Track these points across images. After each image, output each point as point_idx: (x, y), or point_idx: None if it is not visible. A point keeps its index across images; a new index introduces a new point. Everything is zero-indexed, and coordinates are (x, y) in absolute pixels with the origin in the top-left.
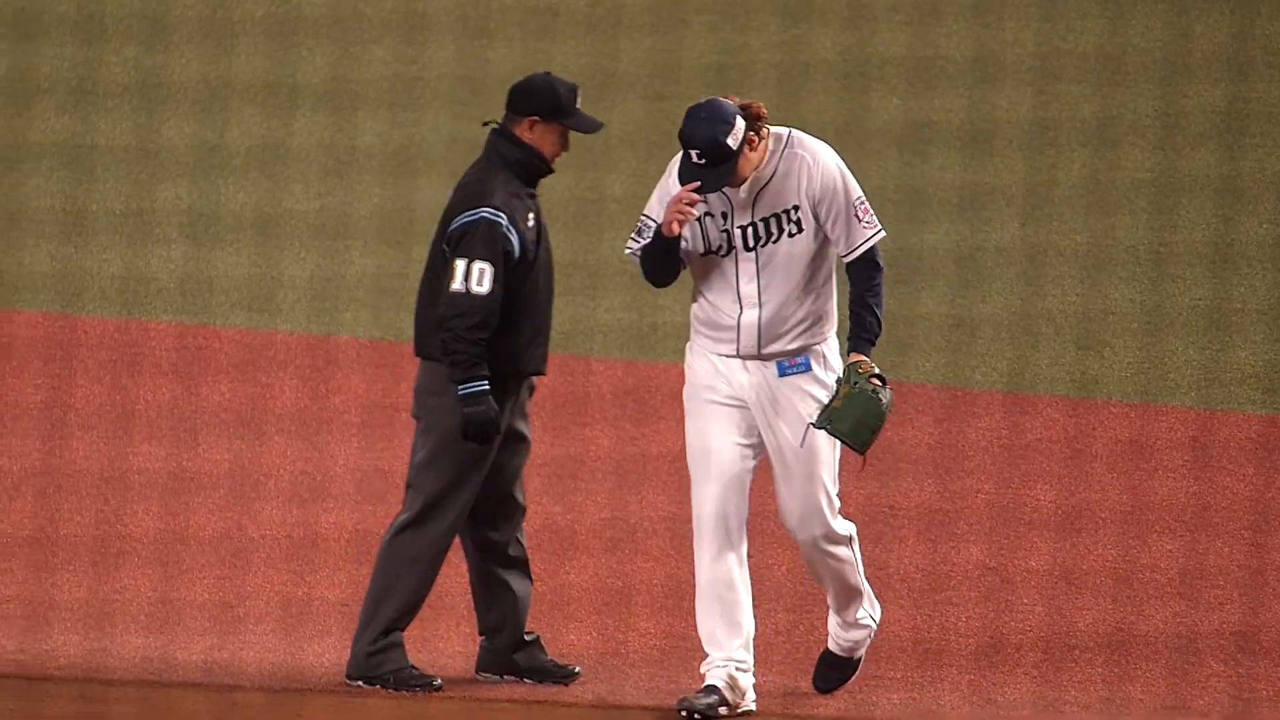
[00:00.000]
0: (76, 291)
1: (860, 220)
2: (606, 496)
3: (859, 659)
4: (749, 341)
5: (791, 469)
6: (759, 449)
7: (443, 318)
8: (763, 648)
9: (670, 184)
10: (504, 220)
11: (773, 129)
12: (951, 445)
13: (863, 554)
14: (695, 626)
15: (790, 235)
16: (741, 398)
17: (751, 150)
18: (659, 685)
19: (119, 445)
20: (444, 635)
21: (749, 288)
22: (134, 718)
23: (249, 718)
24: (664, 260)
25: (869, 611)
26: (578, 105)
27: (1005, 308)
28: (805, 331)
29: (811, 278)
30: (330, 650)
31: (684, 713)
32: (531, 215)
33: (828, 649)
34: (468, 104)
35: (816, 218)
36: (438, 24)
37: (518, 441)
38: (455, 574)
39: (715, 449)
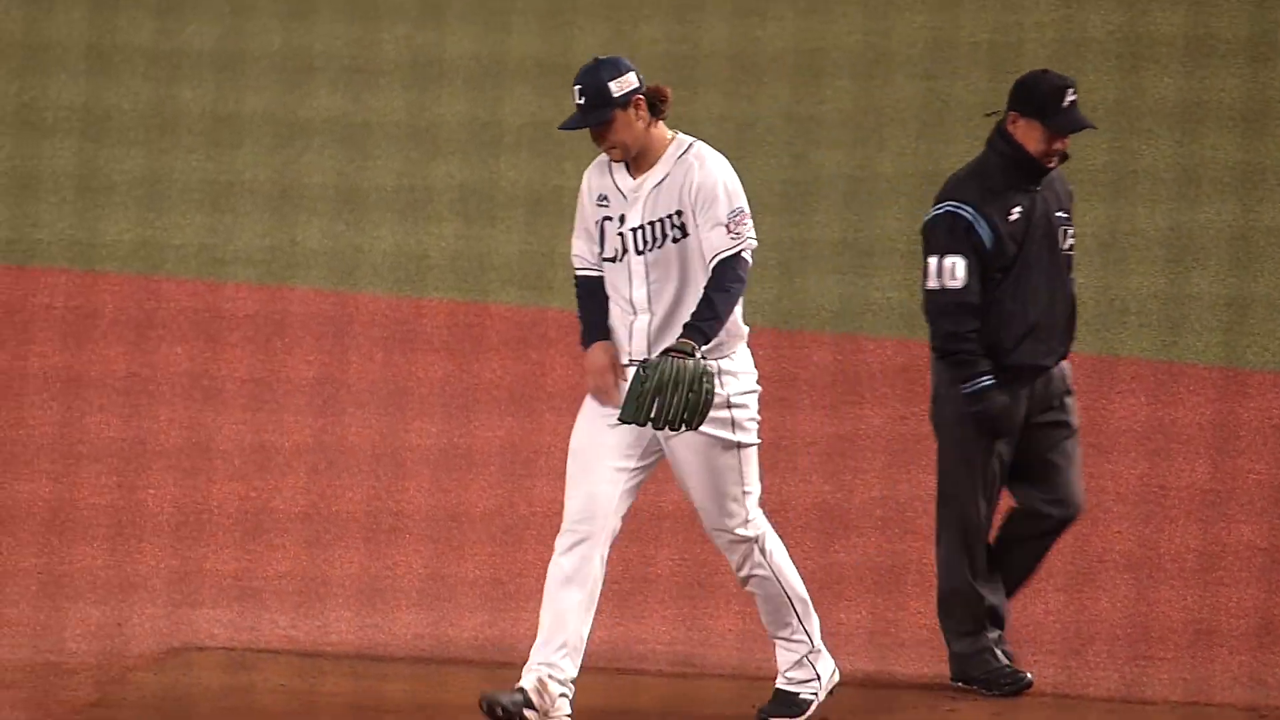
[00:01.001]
0: (350, 268)
1: (729, 230)
2: (878, 475)
3: (804, 701)
4: (640, 348)
5: (694, 482)
6: (648, 453)
7: (928, 318)
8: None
9: (582, 190)
10: (968, 213)
11: (680, 135)
12: (1225, 425)
13: (786, 564)
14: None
15: (675, 240)
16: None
17: (637, 118)
18: (929, 667)
19: (392, 421)
20: (713, 614)
21: (639, 293)
22: (407, 695)
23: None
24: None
25: (809, 634)
26: (1065, 104)
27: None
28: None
29: (702, 285)
30: (600, 628)
31: (482, 704)
32: (1017, 210)
33: (776, 685)
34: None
35: (695, 219)
36: None
37: (1054, 429)
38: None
39: (584, 450)
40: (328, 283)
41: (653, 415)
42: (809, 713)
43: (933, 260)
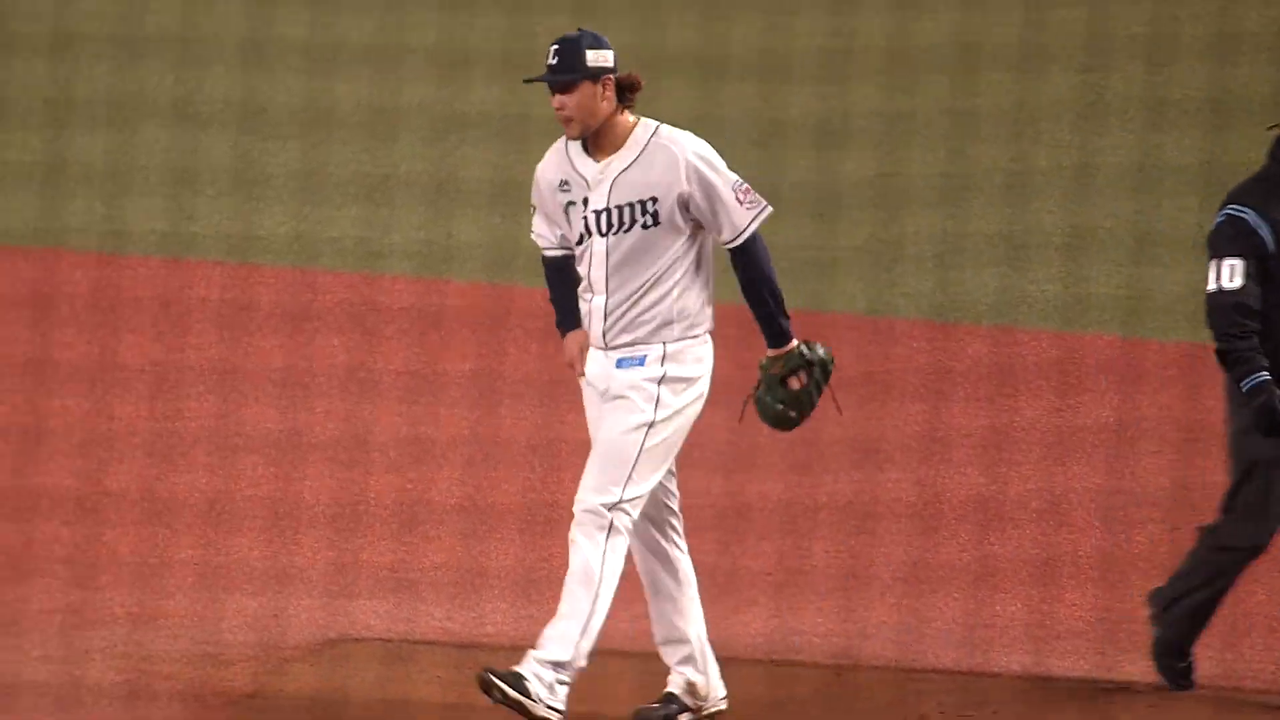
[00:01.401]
0: (506, 261)
1: (742, 202)
2: (1033, 468)
3: (527, 688)
4: (596, 329)
5: (602, 424)
6: None
7: (1208, 321)
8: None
9: (537, 179)
10: (1249, 217)
11: (645, 119)
12: None
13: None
14: (1124, 600)
15: (645, 227)
16: (597, 386)
17: (602, 96)
18: (1085, 660)
19: (548, 413)
20: (868, 606)
21: (598, 273)
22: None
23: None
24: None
25: (574, 650)
26: None
27: None
28: (654, 330)
29: (665, 274)
30: (756, 619)
31: None
32: None
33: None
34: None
35: (686, 209)
36: None
37: None
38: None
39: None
40: (484, 275)
41: (796, 411)
42: (531, 697)
43: (1213, 264)
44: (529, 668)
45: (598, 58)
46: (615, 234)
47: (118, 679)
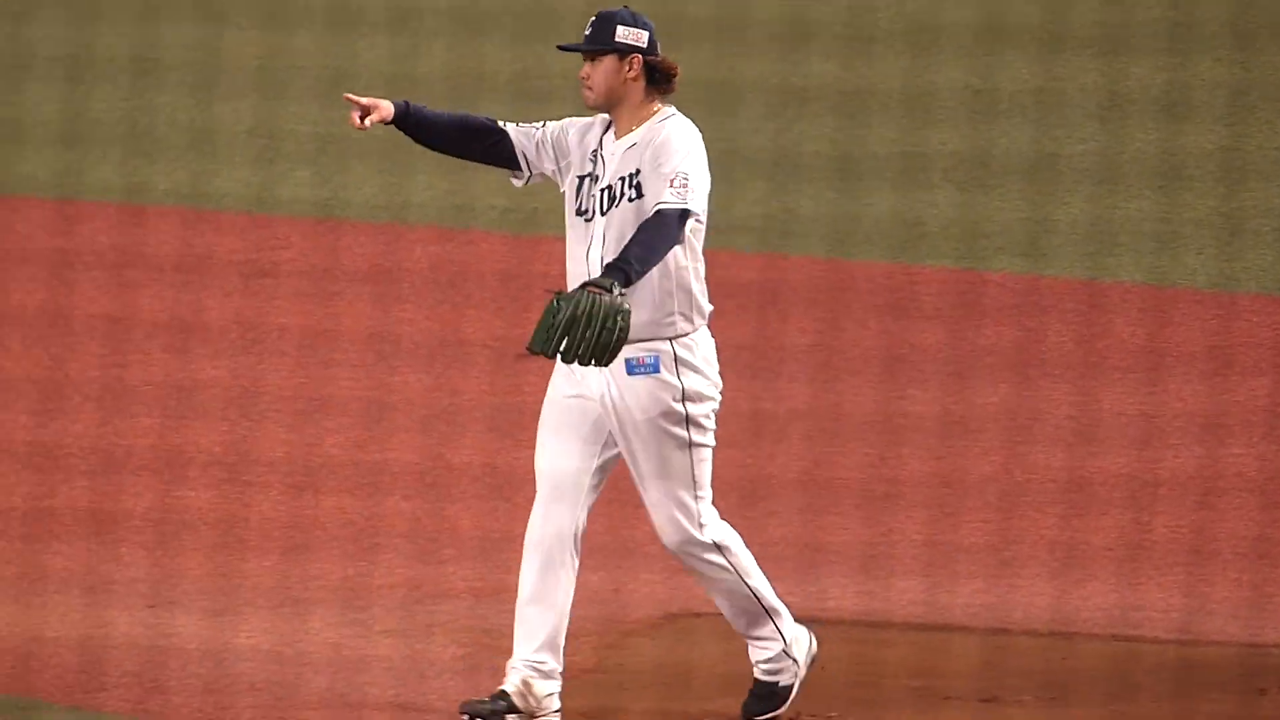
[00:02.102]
0: (843, 236)
1: (671, 186)
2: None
3: (785, 688)
4: None
5: (644, 475)
6: (605, 449)
7: None
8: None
9: (579, 124)
10: None
11: (669, 108)
12: None
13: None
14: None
15: (630, 200)
16: (587, 394)
17: (627, 72)
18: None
19: (886, 389)
20: (1210, 581)
21: (595, 254)
22: (904, 660)
23: (1019, 663)
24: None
25: (780, 632)
26: None
27: None
28: (656, 321)
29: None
30: (1097, 594)
31: (465, 715)
32: None
33: (754, 676)
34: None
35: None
36: None
37: None
38: None
39: (546, 469)
40: (820, 250)
41: (562, 349)
42: (791, 698)
43: None
44: (775, 680)
45: (629, 34)
46: (610, 209)
47: (459, 653)
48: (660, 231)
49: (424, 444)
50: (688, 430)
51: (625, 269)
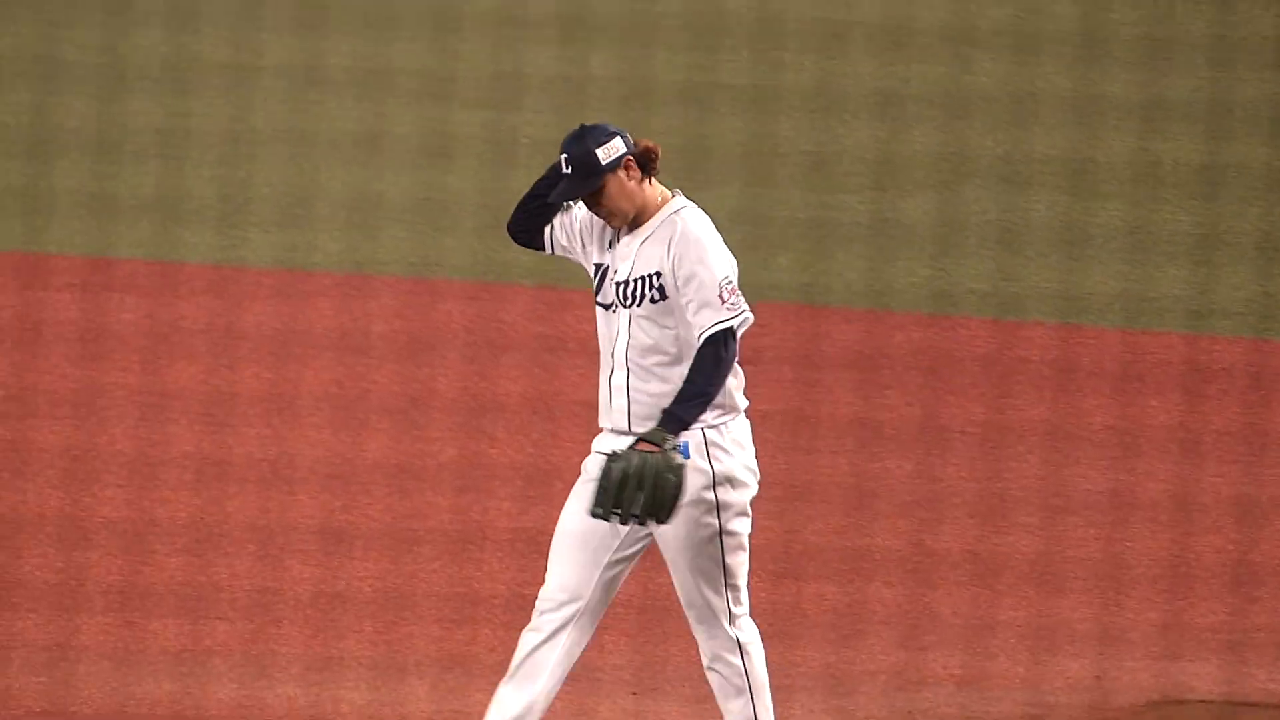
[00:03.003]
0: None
1: (723, 301)
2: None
3: None
4: (620, 408)
5: (676, 562)
6: (631, 541)
7: None
8: None
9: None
10: None
11: (678, 197)
12: None
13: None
14: None
15: (653, 301)
16: None
17: (630, 179)
18: None
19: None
20: None
21: (620, 347)
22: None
23: None
24: (528, 207)
25: None
26: None
27: None
28: None
29: (687, 351)
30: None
31: None
32: None
33: None
34: None
35: (677, 288)
36: None
37: None
38: None
39: (564, 531)
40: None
41: (618, 509)
42: None
43: None
44: None
45: (609, 150)
46: (632, 306)
47: None
48: (714, 362)
49: (906, 528)
50: (716, 518)
51: (680, 413)
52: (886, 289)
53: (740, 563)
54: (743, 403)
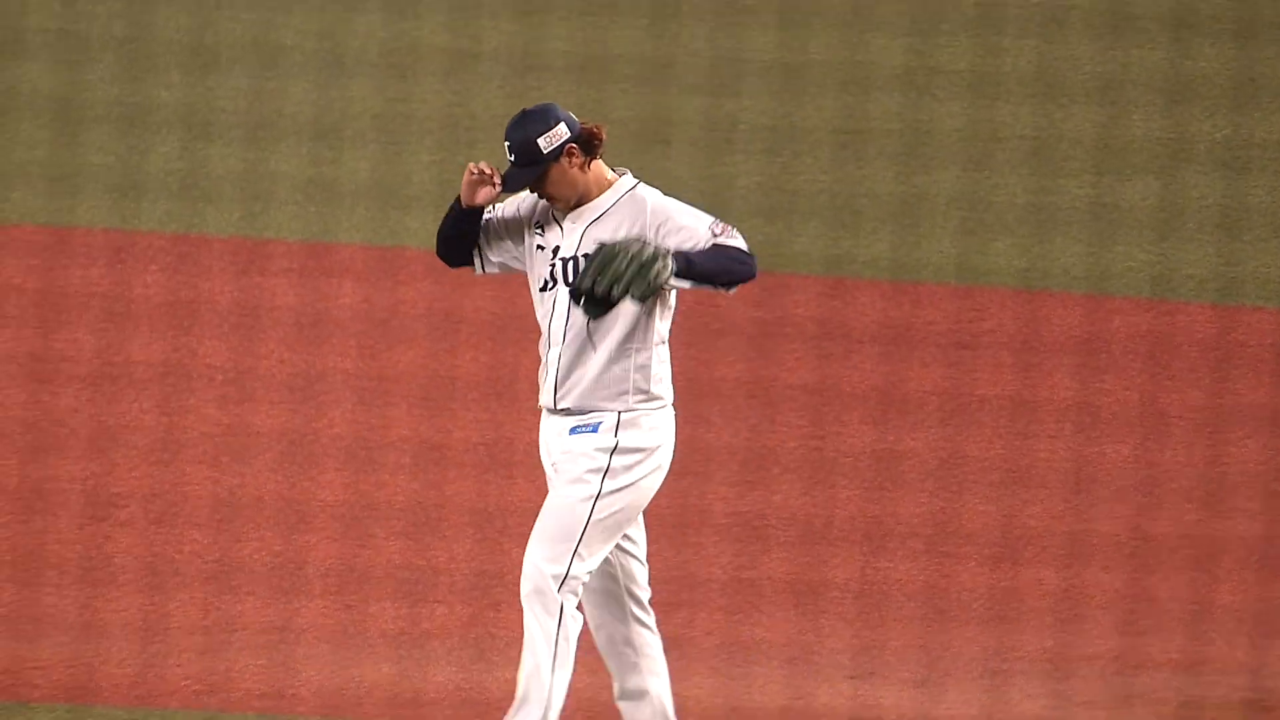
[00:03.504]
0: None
1: (717, 235)
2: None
3: None
4: (548, 386)
5: (549, 498)
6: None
7: None
8: None
9: (519, 202)
10: None
11: (626, 176)
12: None
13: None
14: None
15: None
16: (551, 452)
17: (572, 166)
18: None
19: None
20: None
21: (557, 324)
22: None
23: None
24: (458, 228)
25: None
26: None
27: None
28: (609, 397)
29: (626, 337)
30: None
31: None
32: None
33: None
34: None
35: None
36: None
37: None
38: None
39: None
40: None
41: (599, 279)
42: None
43: None
44: None
45: (551, 138)
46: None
47: None
48: (733, 251)
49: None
50: (600, 481)
51: (690, 255)
52: (1105, 273)
53: (599, 540)
54: (667, 393)
